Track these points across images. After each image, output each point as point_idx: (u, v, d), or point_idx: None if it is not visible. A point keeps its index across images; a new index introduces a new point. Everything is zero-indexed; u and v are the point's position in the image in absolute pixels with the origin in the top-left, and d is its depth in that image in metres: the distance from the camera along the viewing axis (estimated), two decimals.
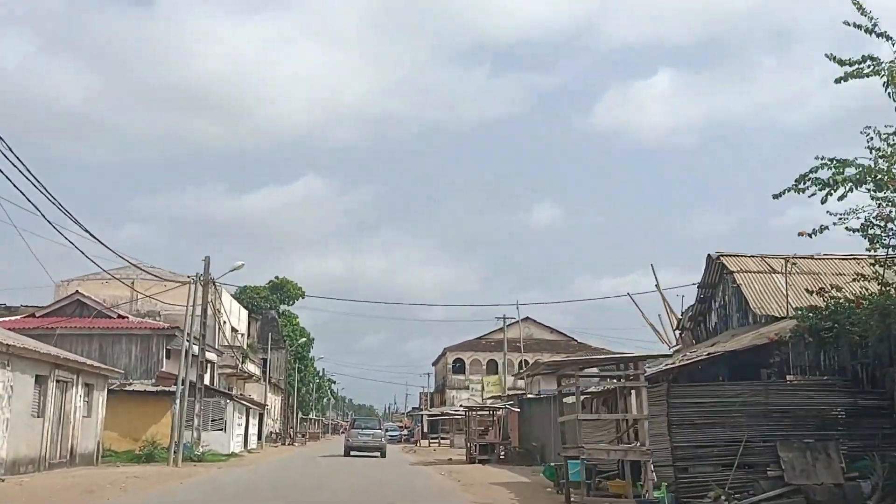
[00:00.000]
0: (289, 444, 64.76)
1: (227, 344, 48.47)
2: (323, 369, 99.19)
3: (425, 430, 72.54)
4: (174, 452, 28.44)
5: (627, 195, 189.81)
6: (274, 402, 76.17)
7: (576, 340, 75.77)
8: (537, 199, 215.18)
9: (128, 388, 33.02)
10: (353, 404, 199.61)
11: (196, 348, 35.93)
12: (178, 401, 28.82)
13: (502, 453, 31.39)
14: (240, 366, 48.51)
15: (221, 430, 34.96)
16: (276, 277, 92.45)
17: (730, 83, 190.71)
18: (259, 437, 51.13)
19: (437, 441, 62.95)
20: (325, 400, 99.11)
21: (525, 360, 73.18)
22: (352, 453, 38.29)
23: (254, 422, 45.71)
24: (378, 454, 37.74)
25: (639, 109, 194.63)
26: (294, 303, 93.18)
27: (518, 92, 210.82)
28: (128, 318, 37.84)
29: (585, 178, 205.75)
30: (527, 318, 72.69)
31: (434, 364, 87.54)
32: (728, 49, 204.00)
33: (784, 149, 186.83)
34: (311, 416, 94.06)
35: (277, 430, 71.89)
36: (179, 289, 37.34)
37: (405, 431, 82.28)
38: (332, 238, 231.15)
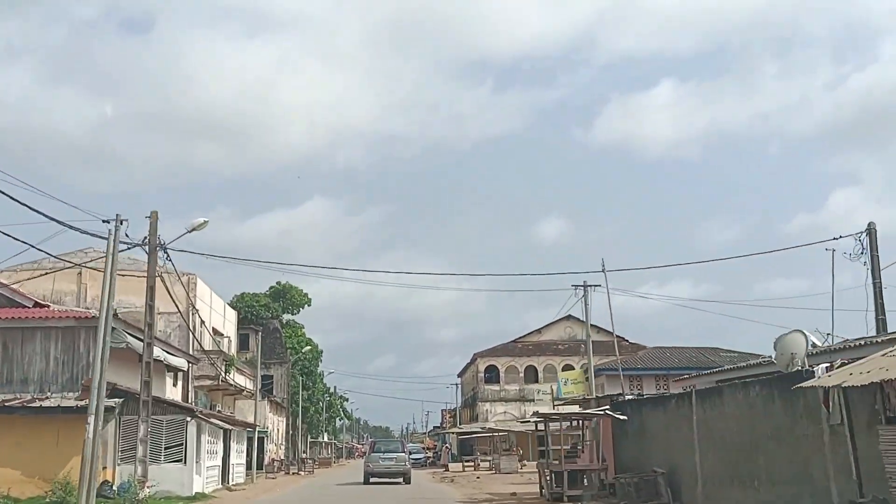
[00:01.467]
0: (293, 473, 53.87)
1: (205, 349, 37.81)
2: (334, 387, 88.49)
3: (454, 450, 61.55)
4: (87, 499, 17.74)
5: (633, 207, 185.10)
6: (277, 423, 65.38)
7: (627, 340, 64.79)
8: (543, 214, 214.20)
9: (35, 404, 22.41)
10: (369, 426, 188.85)
11: (157, 350, 25.59)
12: (91, 418, 18.14)
13: (604, 484, 20.46)
14: (222, 376, 37.73)
15: (180, 460, 24.18)
16: (278, 283, 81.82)
17: (732, 92, 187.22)
18: (252, 467, 40.29)
19: (472, 464, 51.95)
20: (336, 421, 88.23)
21: (569, 365, 62.24)
22: (371, 480, 34.28)
23: (240, 448, 34.93)
24: (401, 480, 33.91)
25: (640, 121, 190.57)
26: (299, 311, 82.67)
27: (520, 107, 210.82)
28: (49, 306, 27.29)
29: (591, 192, 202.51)
30: (569, 317, 61.80)
31: (460, 375, 76.68)
32: (729, 57, 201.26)
33: (790, 155, 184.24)
34: (321, 438, 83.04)
35: (282, 457, 61.00)
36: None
37: (429, 453, 71.22)
38: (343, 260, 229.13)
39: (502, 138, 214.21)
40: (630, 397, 24.79)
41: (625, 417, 20.53)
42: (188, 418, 24.46)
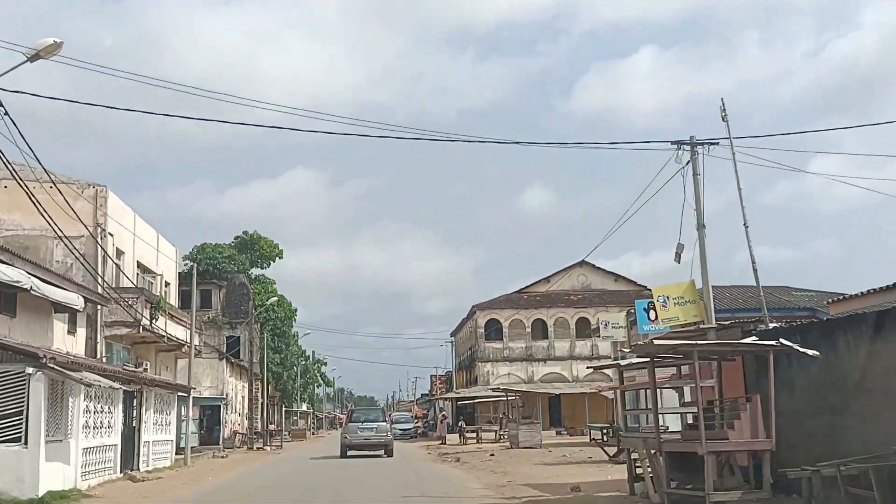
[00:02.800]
0: (257, 449, 44.34)
1: (119, 288, 27.95)
2: (312, 352, 78.45)
3: (451, 420, 52.11)
4: None
5: (616, 177, 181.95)
6: (240, 390, 55.76)
7: (648, 289, 55.43)
8: (528, 185, 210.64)
9: None
10: (353, 396, 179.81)
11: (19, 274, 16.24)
12: None
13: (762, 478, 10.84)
14: (144, 322, 27.84)
15: (18, 439, 14.37)
16: (245, 233, 71.82)
17: (714, 59, 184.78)
18: (187, 445, 30.70)
19: (473, 436, 42.54)
20: (315, 388, 78.66)
21: (584, 318, 52.77)
22: (350, 453, 30.37)
23: (163, 419, 25.23)
24: (383, 453, 30.21)
25: (622, 90, 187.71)
26: (269, 265, 72.68)
27: (503, 77, 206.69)
28: None
29: (574, 162, 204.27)
30: (582, 263, 52.32)
31: (454, 333, 67.15)
32: (712, 25, 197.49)
33: (772, 124, 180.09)
34: (296, 407, 73.47)
35: (245, 430, 51.40)
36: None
37: (419, 423, 61.76)
38: (326, 232, 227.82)
39: (486, 108, 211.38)
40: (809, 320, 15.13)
41: (816, 353, 10.77)
42: (30, 369, 14.55)
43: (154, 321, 28.85)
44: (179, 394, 29.05)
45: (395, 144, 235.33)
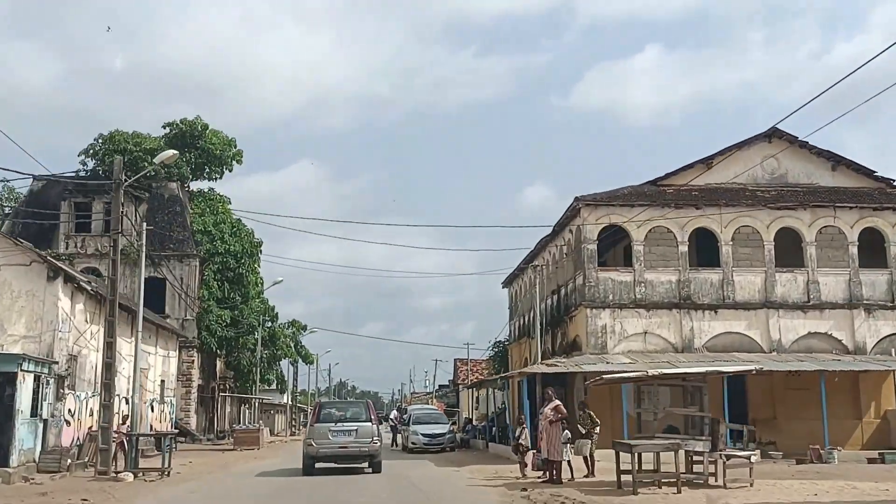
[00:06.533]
0: (113, 476, 19.13)
1: None
2: (291, 321, 51.47)
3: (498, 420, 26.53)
4: None
5: (617, 173, 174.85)
6: (155, 362, 30.14)
7: (891, 184, 29.66)
8: (529, 181, 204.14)
9: None
10: (355, 391, 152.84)
11: None
12: None
13: None
14: None
15: None
16: (182, 122, 46.15)
17: (718, 59, 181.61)
18: None
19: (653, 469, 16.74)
20: (283, 364, 52.28)
21: (789, 230, 27.17)
22: (319, 467, 20.14)
23: None
24: (366, 466, 20.42)
25: (624, 87, 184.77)
26: (222, 175, 47.09)
27: (504, 72, 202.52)
28: None
29: (575, 158, 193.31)
30: (772, 136, 26.48)
31: (508, 282, 41.34)
32: (716, 24, 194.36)
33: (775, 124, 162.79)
34: (255, 395, 47.41)
35: (126, 430, 25.76)
36: None
37: (453, 427, 35.98)
38: (329, 226, 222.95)
39: (487, 103, 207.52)
40: None
41: None
42: None
43: None
44: None
45: (400, 138, 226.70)
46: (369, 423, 20.34)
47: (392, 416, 39.36)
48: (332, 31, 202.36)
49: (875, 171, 29.34)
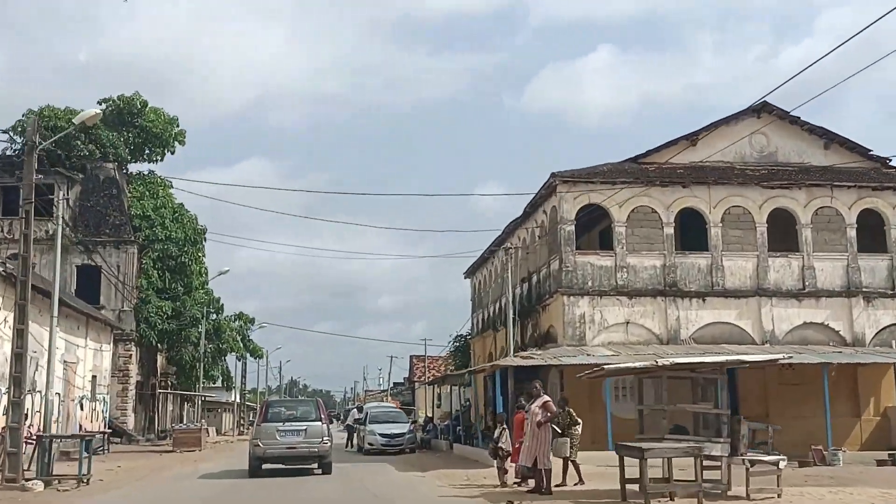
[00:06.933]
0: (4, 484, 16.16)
1: None
2: (239, 314, 47.67)
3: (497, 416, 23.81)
4: None
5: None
6: (85, 353, 27.06)
7: (887, 163, 27.81)
8: (482, 180, 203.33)
9: None
10: (307, 390, 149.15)
11: None
12: None
13: None
14: None
15: None
16: (120, 98, 42.65)
17: (668, 61, 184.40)
18: None
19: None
20: (230, 360, 48.99)
21: (782, 212, 25.15)
22: (265, 468, 19.32)
23: None
24: (315, 467, 19.50)
25: (575, 88, 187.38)
26: (162, 157, 43.73)
27: (457, 71, 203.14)
28: None
29: (528, 158, 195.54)
30: (762, 107, 24.37)
31: (471, 271, 38.98)
32: (667, 26, 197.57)
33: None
34: (199, 392, 44.15)
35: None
36: None
37: (413, 427, 33.31)
38: (281, 225, 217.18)
39: (440, 102, 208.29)
40: None
41: None
42: None
43: None
44: None
45: (352, 137, 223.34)
46: (319, 423, 19.63)
47: (352, 415, 36.50)
48: (285, 27, 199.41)
49: (871, 150, 27.48)
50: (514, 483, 15.81)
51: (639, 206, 24.72)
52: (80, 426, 30.57)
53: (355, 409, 38.67)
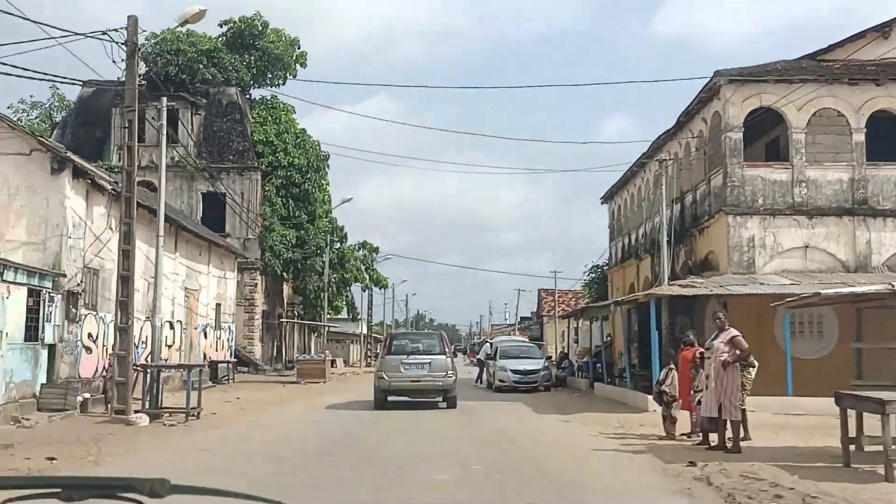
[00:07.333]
0: (114, 417, 14.81)
1: None
2: (363, 243, 45.74)
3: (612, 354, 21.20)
4: None
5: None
6: (205, 280, 26.22)
7: None
8: (609, 112, 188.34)
9: None
10: (433, 324, 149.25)
11: None
12: None
13: None
14: None
15: None
16: (241, 20, 41.17)
17: None
18: None
19: None
20: (356, 292, 47.55)
21: None
22: (391, 401, 19.10)
23: None
24: (440, 400, 19.19)
25: (709, 11, 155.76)
26: (284, 81, 42.15)
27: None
28: None
29: (655, 87, 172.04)
30: None
31: (608, 196, 35.67)
32: None
33: None
34: (323, 322, 43.00)
35: (142, 362, 21.68)
36: None
37: (549, 364, 30.57)
38: (405, 161, 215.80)
39: (564, 32, 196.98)
40: None
41: None
42: None
43: None
44: None
45: (476, 72, 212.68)
46: (443, 356, 19.54)
47: (484, 349, 34.28)
48: None
49: None
50: (683, 435, 13.07)
51: (821, 109, 20.79)
52: (205, 355, 29.80)
53: (488, 344, 36.47)
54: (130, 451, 11.49)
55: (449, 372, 19.10)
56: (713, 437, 11.47)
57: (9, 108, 41.87)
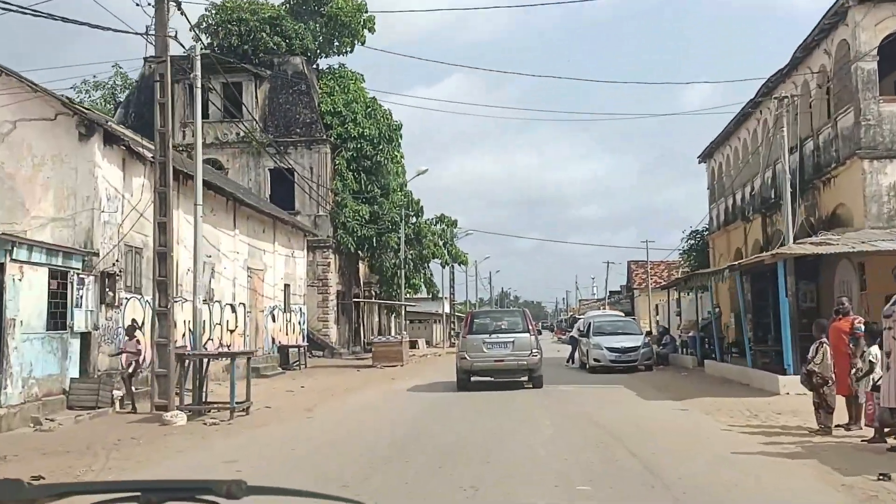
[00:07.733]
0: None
1: None
2: (443, 216, 42.83)
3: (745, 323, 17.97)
4: None
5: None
6: (270, 259, 24.17)
7: None
8: (689, 79, 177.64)
9: None
10: (518, 302, 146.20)
11: None
12: None
13: None
14: None
15: None
16: None
17: None
18: None
19: None
20: (435, 269, 44.96)
21: None
22: (475, 381, 18.65)
23: None
24: (526, 380, 18.51)
25: None
26: (352, 48, 39.83)
27: None
28: None
29: (735, 53, 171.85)
30: None
31: (706, 154, 32.00)
32: None
33: None
34: (401, 301, 40.62)
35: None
36: None
37: (649, 340, 27.29)
38: (482, 138, 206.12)
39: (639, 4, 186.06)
40: None
41: None
42: None
43: None
44: None
45: (554, 44, 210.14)
46: (527, 334, 18.84)
47: (577, 326, 31.32)
48: None
49: None
50: (840, 427, 10.12)
51: None
52: (273, 340, 27.94)
53: (580, 320, 33.51)
54: (132, 464, 9.21)
55: (533, 350, 18.42)
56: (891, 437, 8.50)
57: (72, 87, 40.80)
